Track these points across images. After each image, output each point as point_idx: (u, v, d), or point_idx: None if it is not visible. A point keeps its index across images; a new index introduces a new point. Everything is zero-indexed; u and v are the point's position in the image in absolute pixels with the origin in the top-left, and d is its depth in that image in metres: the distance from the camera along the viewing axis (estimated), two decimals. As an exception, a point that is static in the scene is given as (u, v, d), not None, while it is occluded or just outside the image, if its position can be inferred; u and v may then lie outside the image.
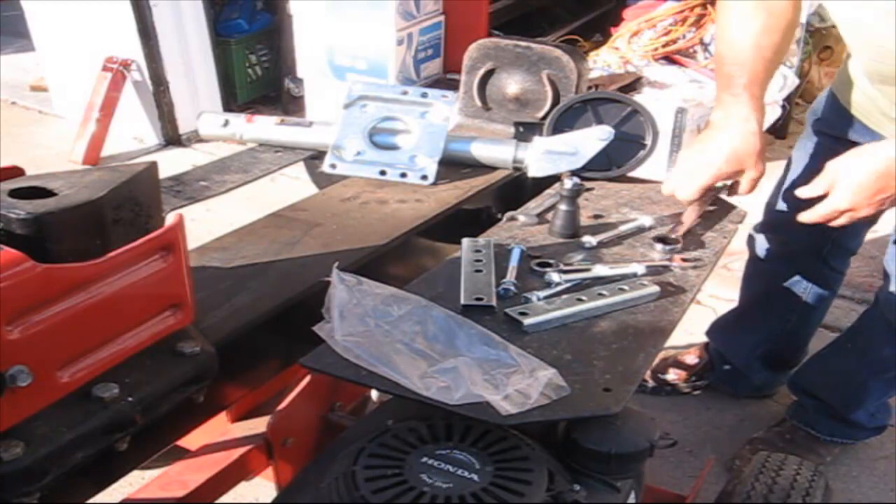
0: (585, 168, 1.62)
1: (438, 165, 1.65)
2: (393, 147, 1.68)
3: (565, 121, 1.67)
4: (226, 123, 1.78)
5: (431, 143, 1.65)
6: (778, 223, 2.03)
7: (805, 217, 1.47)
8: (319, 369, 1.06)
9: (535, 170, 1.64)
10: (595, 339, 1.14)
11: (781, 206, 2.01)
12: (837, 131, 1.83)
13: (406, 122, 1.68)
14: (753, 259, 2.16)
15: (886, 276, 1.86)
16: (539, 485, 0.93)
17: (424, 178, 1.64)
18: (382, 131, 1.69)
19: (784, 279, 2.10)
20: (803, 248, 2.03)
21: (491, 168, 1.70)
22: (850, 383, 2.01)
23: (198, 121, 1.81)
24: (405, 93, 1.71)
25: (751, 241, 2.14)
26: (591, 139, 1.61)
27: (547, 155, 1.63)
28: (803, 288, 2.08)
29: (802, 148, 1.95)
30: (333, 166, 1.66)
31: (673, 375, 2.35)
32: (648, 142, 1.66)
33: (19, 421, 0.85)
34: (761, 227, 2.10)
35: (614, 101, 1.66)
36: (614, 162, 1.65)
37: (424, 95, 1.70)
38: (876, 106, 1.68)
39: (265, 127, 1.77)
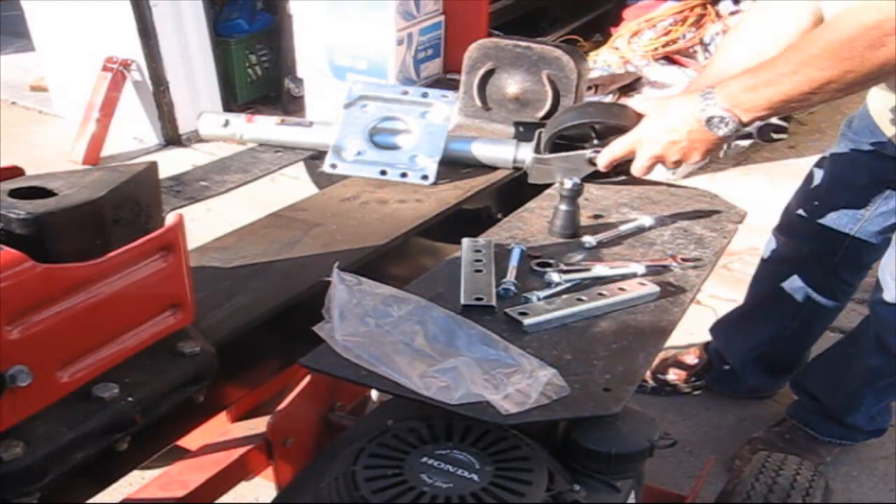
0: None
1: (439, 165, 1.65)
2: (393, 147, 1.68)
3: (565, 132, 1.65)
4: (226, 123, 1.78)
5: (432, 143, 1.66)
6: (792, 227, 2.03)
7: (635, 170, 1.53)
8: (319, 369, 1.06)
9: (534, 178, 1.66)
10: (595, 339, 1.14)
11: (798, 209, 2.01)
12: (860, 136, 1.85)
13: (406, 122, 1.68)
14: (764, 261, 2.16)
15: (876, 286, 1.87)
16: (539, 485, 0.93)
17: (425, 177, 1.64)
18: (383, 131, 1.69)
19: (791, 284, 2.10)
20: (815, 255, 2.02)
21: (491, 168, 1.71)
22: (846, 388, 2.02)
23: (198, 121, 1.81)
24: (405, 93, 1.71)
25: (767, 243, 2.14)
26: (587, 162, 1.59)
27: (542, 170, 1.64)
28: (808, 295, 2.08)
29: (828, 153, 1.96)
30: (334, 166, 1.66)
31: (673, 376, 2.36)
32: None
33: (19, 421, 0.85)
34: (777, 230, 2.10)
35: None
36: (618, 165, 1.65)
37: (425, 95, 1.70)
38: (886, 106, 1.70)
39: (265, 127, 1.77)
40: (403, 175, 1.65)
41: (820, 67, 1.27)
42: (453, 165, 1.69)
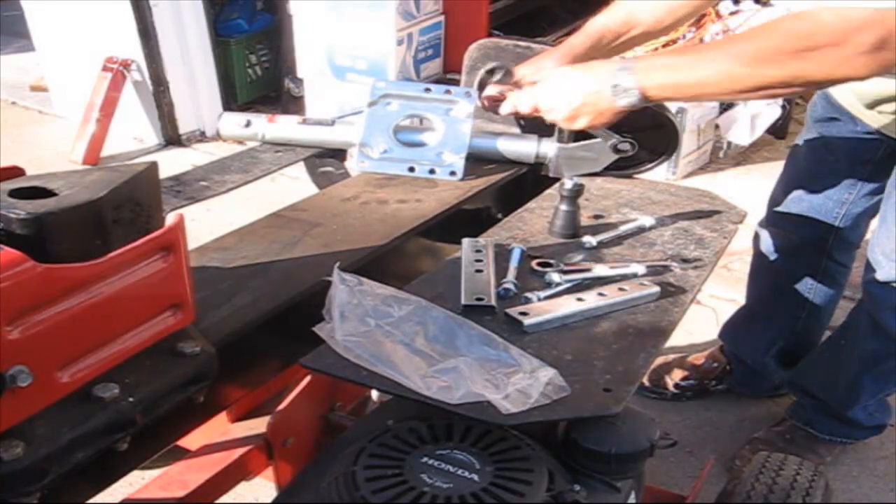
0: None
1: (465, 161, 1.66)
2: (419, 144, 1.69)
3: None
4: (247, 124, 1.77)
5: (457, 140, 1.67)
6: (781, 217, 2.04)
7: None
8: (319, 369, 1.06)
9: (554, 171, 1.67)
10: (595, 339, 1.14)
11: (783, 199, 2.02)
12: (829, 121, 1.87)
13: (431, 119, 1.69)
14: (758, 256, 2.16)
15: (867, 267, 1.87)
16: (539, 485, 0.93)
17: (453, 173, 1.66)
18: (407, 129, 1.70)
19: (790, 275, 2.10)
20: (807, 243, 2.03)
21: (513, 164, 1.72)
22: (844, 379, 2.01)
23: (219, 121, 1.79)
24: (428, 90, 1.71)
25: (756, 238, 2.15)
26: (611, 150, 1.62)
27: (567, 160, 1.66)
28: (810, 284, 2.08)
29: (801, 140, 1.98)
30: (363, 164, 1.67)
31: (692, 381, 2.34)
32: (667, 145, 1.68)
33: (19, 421, 0.85)
34: (765, 223, 2.11)
35: None
36: (631, 162, 1.66)
37: (448, 92, 1.71)
38: (848, 87, 1.73)
39: (288, 126, 1.77)
40: (431, 171, 1.66)
41: (741, 63, 1.27)
42: (475, 161, 1.71)
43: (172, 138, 4.03)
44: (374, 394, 1.27)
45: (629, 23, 1.69)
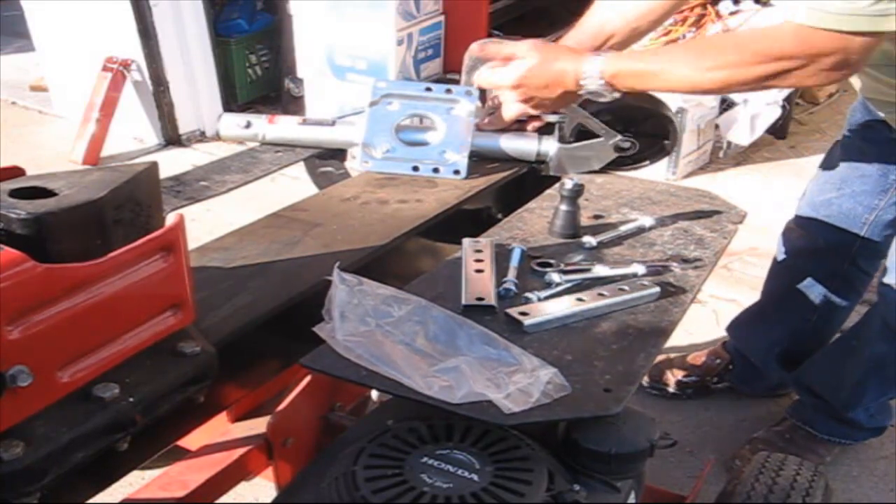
0: None
1: (468, 160, 1.67)
2: (421, 143, 1.69)
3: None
4: (248, 125, 1.77)
5: (459, 138, 1.68)
6: (808, 219, 2.03)
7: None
8: (319, 369, 1.06)
9: (555, 170, 1.68)
10: (595, 339, 1.14)
11: (813, 201, 2.01)
12: (864, 126, 1.87)
13: (432, 118, 1.69)
14: (780, 255, 2.15)
15: (885, 270, 1.87)
16: (539, 485, 0.93)
17: (457, 172, 1.66)
18: (409, 128, 1.70)
19: (808, 277, 2.08)
20: (831, 247, 2.02)
21: (515, 162, 1.72)
22: (850, 380, 2.01)
23: (218, 122, 1.79)
24: (429, 89, 1.72)
25: (781, 237, 2.14)
26: (612, 148, 1.62)
27: (567, 158, 1.66)
28: (827, 288, 2.07)
29: (837, 144, 1.98)
30: (366, 164, 1.67)
31: (694, 378, 2.34)
32: (668, 141, 1.69)
33: (19, 421, 0.85)
34: (792, 223, 2.10)
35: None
36: (630, 158, 1.66)
37: (449, 91, 1.71)
38: (877, 92, 1.74)
39: (288, 127, 1.77)
40: (435, 170, 1.66)
41: (703, 72, 1.38)
42: (479, 160, 1.71)
43: (172, 138, 4.03)
44: (374, 394, 1.27)
45: (600, 35, 1.71)
